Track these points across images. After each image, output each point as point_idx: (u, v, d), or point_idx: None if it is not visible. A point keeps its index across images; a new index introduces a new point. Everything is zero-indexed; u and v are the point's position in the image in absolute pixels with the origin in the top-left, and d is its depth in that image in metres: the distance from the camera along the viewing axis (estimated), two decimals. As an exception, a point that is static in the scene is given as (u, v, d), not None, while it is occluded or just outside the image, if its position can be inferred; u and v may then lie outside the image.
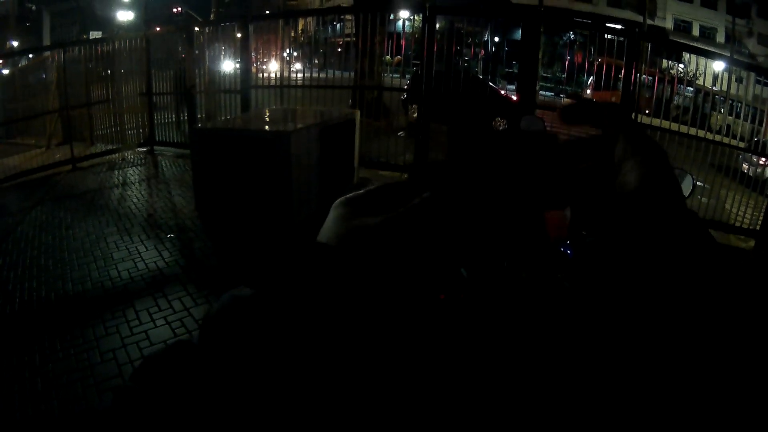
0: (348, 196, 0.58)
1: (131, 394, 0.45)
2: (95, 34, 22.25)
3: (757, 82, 7.12)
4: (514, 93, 9.64)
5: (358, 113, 7.06)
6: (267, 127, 6.00)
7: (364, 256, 0.52)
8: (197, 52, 9.09)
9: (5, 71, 9.73)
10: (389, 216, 0.53)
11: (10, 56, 12.35)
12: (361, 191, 0.58)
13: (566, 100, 10.64)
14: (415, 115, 8.85)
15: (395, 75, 9.43)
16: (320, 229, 0.57)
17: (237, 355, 0.46)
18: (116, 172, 8.06)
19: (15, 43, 26.30)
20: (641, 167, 0.49)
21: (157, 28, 11.83)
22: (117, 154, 8.81)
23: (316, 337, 0.47)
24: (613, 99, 7.48)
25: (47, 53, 9.53)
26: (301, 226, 5.34)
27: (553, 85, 19.07)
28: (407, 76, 9.72)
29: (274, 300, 0.48)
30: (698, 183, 5.23)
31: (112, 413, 0.44)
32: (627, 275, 0.47)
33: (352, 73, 9.25)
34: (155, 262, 4.88)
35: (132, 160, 8.77)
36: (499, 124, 10.92)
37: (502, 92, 12.60)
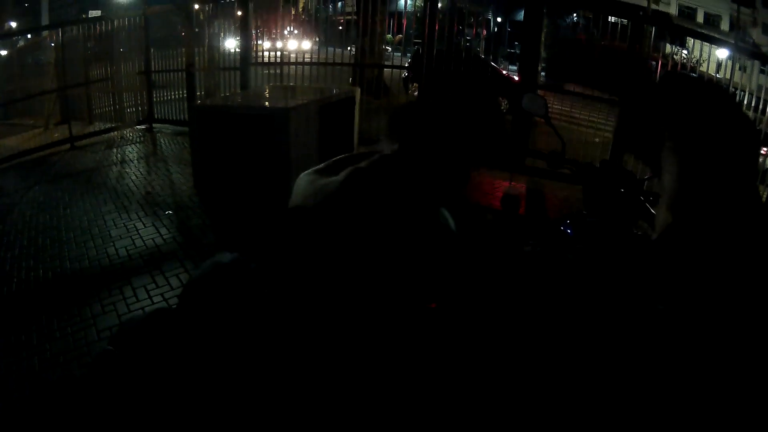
0: (311, 168, 0.57)
1: (110, 358, 0.47)
2: (94, 14, 22.06)
3: (761, 71, 6.99)
4: (516, 73, 9.54)
5: (358, 91, 6.98)
6: (266, 103, 5.94)
7: (331, 208, 0.50)
8: (197, 30, 8.99)
9: (3, 52, 9.66)
10: (351, 170, 0.50)
11: (8, 37, 12.26)
12: (321, 165, 0.57)
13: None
14: (416, 93, 8.78)
15: (396, 54, 9.35)
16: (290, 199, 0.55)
17: (215, 319, 0.46)
18: (114, 150, 7.98)
19: (13, 25, 26.12)
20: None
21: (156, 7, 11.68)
22: (115, 133, 8.74)
23: (294, 298, 0.46)
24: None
25: (45, 33, 9.45)
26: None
27: (555, 67, 18.95)
28: (408, 54, 9.64)
29: (253, 265, 0.48)
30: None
31: (91, 377, 0.46)
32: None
33: (353, 50, 9.17)
34: (153, 240, 4.84)
35: (130, 138, 8.68)
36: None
37: (504, 72, 12.50)
